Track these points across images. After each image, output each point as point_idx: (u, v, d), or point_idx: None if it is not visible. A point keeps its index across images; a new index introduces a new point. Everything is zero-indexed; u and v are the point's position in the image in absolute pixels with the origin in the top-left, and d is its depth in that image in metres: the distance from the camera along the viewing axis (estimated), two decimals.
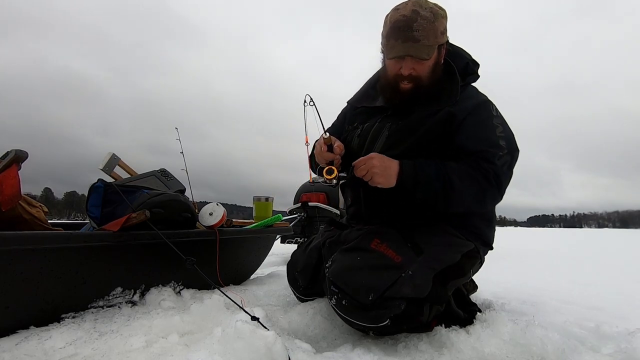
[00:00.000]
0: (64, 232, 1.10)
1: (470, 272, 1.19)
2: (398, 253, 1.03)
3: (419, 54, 1.05)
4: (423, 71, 1.10)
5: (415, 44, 1.03)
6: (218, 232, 1.51)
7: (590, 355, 0.97)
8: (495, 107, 1.17)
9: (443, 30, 1.08)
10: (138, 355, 0.93)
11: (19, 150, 1.15)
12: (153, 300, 1.27)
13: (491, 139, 1.07)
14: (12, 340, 0.94)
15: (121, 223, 1.16)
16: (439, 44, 1.08)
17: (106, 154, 1.67)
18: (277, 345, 0.81)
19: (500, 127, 1.11)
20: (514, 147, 1.12)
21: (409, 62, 1.08)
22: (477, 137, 1.08)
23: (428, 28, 1.03)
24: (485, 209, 1.09)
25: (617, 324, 1.20)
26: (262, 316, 0.94)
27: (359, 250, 1.07)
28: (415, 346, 1.02)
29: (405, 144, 1.12)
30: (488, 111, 1.13)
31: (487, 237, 1.22)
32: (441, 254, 1.07)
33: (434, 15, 1.04)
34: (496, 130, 1.09)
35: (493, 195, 1.05)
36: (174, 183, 1.70)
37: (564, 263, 3.73)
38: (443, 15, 1.07)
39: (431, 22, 1.03)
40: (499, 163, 1.04)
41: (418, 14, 1.03)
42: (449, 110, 1.10)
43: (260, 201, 2.00)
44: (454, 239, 1.13)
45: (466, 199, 1.03)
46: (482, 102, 1.15)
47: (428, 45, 1.04)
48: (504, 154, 1.06)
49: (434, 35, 1.04)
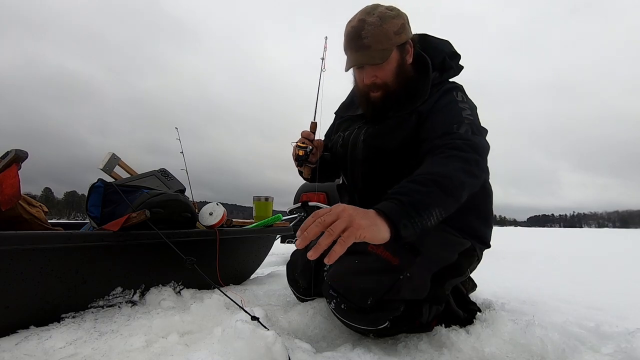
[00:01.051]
0: (64, 232, 1.10)
1: (468, 271, 1.19)
2: (395, 255, 1.02)
3: (372, 60, 1.05)
4: (386, 76, 1.09)
5: (367, 51, 1.04)
6: (218, 231, 1.51)
7: (590, 355, 0.97)
8: (460, 93, 1.11)
9: (398, 30, 1.05)
10: (138, 355, 0.93)
11: (19, 150, 1.15)
12: (153, 300, 1.27)
13: (454, 120, 1.01)
14: (12, 340, 0.94)
15: (121, 223, 1.16)
16: (398, 44, 1.06)
17: (106, 154, 1.67)
18: (277, 345, 0.81)
19: (468, 110, 1.05)
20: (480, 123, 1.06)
21: (368, 71, 1.09)
22: (440, 123, 1.02)
23: (377, 32, 1.03)
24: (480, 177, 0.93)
25: (617, 324, 1.20)
26: (262, 316, 0.94)
27: (356, 253, 1.06)
28: (415, 346, 1.02)
29: (382, 150, 1.13)
30: (451, 97, 1.09)
31: (484, 235, 1.21)
32: (438, 254, 1.07)
33: (381, 19, 1.03)
34: (462, 112, 1.03)
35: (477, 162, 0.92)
36: (174, 183, 1.70)
37: (564, 263, 3.73)
38: (394, 15, 1.05)
39: (379, 27, 1.03)
40: (461, 130, 0.97)
41: (365, 21, 1.03)
42: (417, 111, 1.08)
43: (260, 201, 2.00)
44: (450, 238, 1.13)
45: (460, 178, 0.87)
46: (445, 92, 1.10)
47: (381, 49, 1.04)
48: (462, 124, 0.99)
49: (385, 38, 1.04)
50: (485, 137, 1.04)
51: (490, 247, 1.26)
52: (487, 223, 1.23)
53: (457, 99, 1.08)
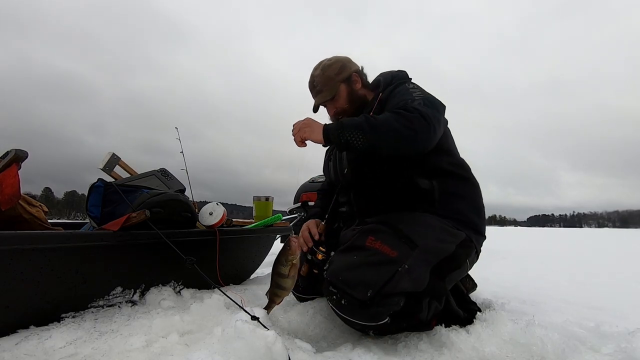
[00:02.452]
0: (64, 232, 1.10)
1: (467, 263, 1.19)
2: (393, 248, 1.04)
3: (325, 99, 1.36)
4: (341, 104, 1.36)
5: (321, 94, 1.37)
6: (218, 231, 1.51)
7: (590, 355, 0.97)
8: (412, 83, 1.32)
9: (338, 71, 1.36)
10: (138, 355, 0.93)
11: (19, 149, 1.15)
12: (153, 299, 1.28)
13: (405, 98, 1.17)
14: (13, 339, 0.94)
15: (121, 223, 1.16)
16: (342, 80, 1.36)
17: (106, 154, 1.67)
18: (277, 344, 0.81)
19: (417, 91, 1.21)
20: (433, 98, 1.21)
21: (328, 107, 1.39)
22: (394, 103, 1.18)
23: (322, 79, 1.36)
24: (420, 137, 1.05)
25: (617, 324, 1.20)
26: (262, 316, 0.94)
27: (355, 249, 1.08)
28: (415, 346, 1.02)
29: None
30: (403, 86, 1.28)
31: (478, 224, 1.24)
32: (435, 245, 1.08)
33: (323, 69, 1.37)
34: (413, 94, 1.19)
35: (418, 120, 1.04)
36: (174, 183, 1.70)
37: (564, 263, 3.73)
38: (332, 62, 1.37)
39: (322, 75, 1.36)
40: (413, 103, 1.11)
41: (313, 75, 1.39)
42: (379, 99, 1.29)
43: (260, 201, 2.00)
44: (445, 229, 1.14)
45: (393, 124, 1.03)
46: (398, 84, 1.31)
47: (330, 88, 1.35)
48: (415, 99, 1.14)
49: (330, 80, 1.35)
50: (441, 111, 1.18)
51: (485, 237, 1.28)
52: (479, 214, 1.27)
53: (408, 87, 1.26)
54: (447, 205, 1.19)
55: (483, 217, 1.28)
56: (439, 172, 1.20)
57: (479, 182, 1.32)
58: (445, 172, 1.21)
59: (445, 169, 1.21)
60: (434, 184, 1.19)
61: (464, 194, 1.24)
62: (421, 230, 1.10)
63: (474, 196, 1.28)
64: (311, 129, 1.12)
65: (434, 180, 1.19)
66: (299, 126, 1.15)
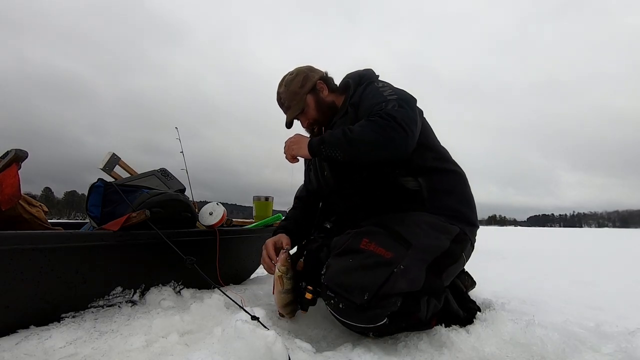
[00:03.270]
0: (64, 232, 1.10)
1: (463, 257, 1.19)
2: (388, 249, 1.04)
3: (294, 114, 1.38)
4: (312, 115, 1.38)
5: (290, 110, 1.39)
6: (218, 231, 1.51)
7: (590, 355, 0.97)
8: (380, 81, 1.33)
9: (302, 83, 1.37)
10: (138, 355, 0.93)
11: (19, 149, 1.15)
12: (153, 299, 1.27)
13: (378, 100, 1.18)
14: (12, 339, 0.94)
15: (121, 223, 1.16)
16: (307, 91, 1.37)
17: (106, 154, 1.67)
18: (277, 344, 0.81)
19: (389, 89, 1.22)
20: (406, 94, 1.22)
21: (301, 120, 1.41)
22: (368, 107, 1.19)
23: (287, 95, 1.38)
24: (397, 144, 1.07)
25: (618, 324, 1.20)
26: (262, 316, 0.94)
27: (350, 252, 1.08)
28: (415, 345, 1.02)
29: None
30: (372, 86, 1.28)
31: (469, 216, 1.24)
32: (429, 243, 1.08)
33: (286, 85, 1.38)
34: (384, 92, 1.20)
35: (393, 128, 1.06)
36: (174, 182, 1.70)
37: (564, 263, 3.73)
38: (293, 77, 1.39)
39: (287, 91, 1.38)
40: (388, 107, 1.12)
41: (279, 92, 1.41)
42: (351, 103, 1.29)
43: (260, 201, 2.00)
44: (438, 225, 1.14)
45: (369, 137, 1.06)
46: (366, 84, 1.31)
47: (297, 102, 1.37)
48: (389, 102, 1.15)
49: (295, 95, 1.37)
50: (414, 105, 1.20)
51: (478, 227, 1.29)
52: (469, 205, 1.28)
53: (377, 86, 1.26)
54: (437, 202, 1.20)
55: (473, 207, 1.29)
56: (424, 170, 1.21)
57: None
58: (430, 169, 1.22)
59: (429, 166, 1.22)
60: (421, 182, 1.20)
61: (451, 188, 1.25)
62: (415, 229, 1.10)
63: (461, 187, 1.29)
64: (298, 146, 1.20)
65: (420, 178, 1.20)
66: (288, 144, 1.22)
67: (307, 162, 1.52)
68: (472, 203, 1.29)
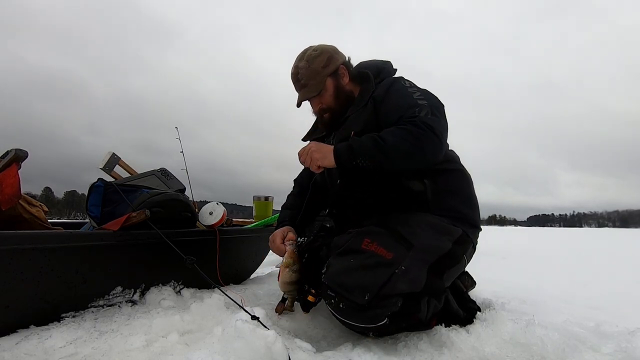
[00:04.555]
0: (64, 232, 1.10)
1: (465, 258, 1.19)
2: (389, 250, 1.04)
3: (310, 94, 1.28)
4: (328, 101, 1.30)
5: (305, 88, 1.29)
6: (218, 231, 1.51)
7: (590, 355, 0.97)
8: (406, 80, 1.27)
9: (324, 64, 1.28)
10: (138, 355, 0.93)
11: (19, 149, 1.15)
12: (153, 299, 1.27)
13: (409, 103, 1.13)
14: (13, 339, 0.94)
15: (121, 222, 1.16)
16: (329, 74, 1.28)
17: (106, 153, 1.67)
18: (277, 344, 0.81)
19: (418, 92, 1.18)
20: (436, 100, 1.18)
21: (313, 101, 1.32)
22: (396, 109, 1.15)
23: (307, 72, 1.27)
24: (430, 154, 1.06)
25: (617, 324, 1.20)
26: (262, 315, 0.94)
27: (351, 252, 1.08)
28: (415, 345, 1.02)
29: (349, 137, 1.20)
30: (400, 85, 1.23)
31: (472, 218, 1.23)
32: (431, 244, 1.08)
33: (308, 61, 1.28)
34: (413, 95, 1.16)
35: (427, 136, 1.04)
36: (174, 182, 1.70)
37: (564, 263, 3.73)
38: (318, 54, 1.29)
39: (308, 67, 1.27)
40: (422, 114, 1.09)
41: (298, 67, 1.29)
42: (372, 98, 1.23)
43: (260, 200, 2.00)
44: (440, 227, 1.14)
45: (403, 146, 1.03)
46: (393, 81, 1.26)
47: (315, 84, 1.27)
48: (422, 108, 1.11)
49: (316, 74, 1.27)
50: (444, 112, 1.17)
51: (481, 229, 1.28)
52: (473, 206, 1.27)
53: (405, 85, 1.22)
54: (441, 204, 1.19)
55: (477, 209, 1.28)
56: (431, 171, 1.19)
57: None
58: (436, 170, 1.20)
59: (436, 167, 1.20)
60: (426, 184, 1.18)
61: (456, 189, 1.23)
62: (416, 230, 1.10)
63: (466, 188, 1.27)
64: (322, 155, 1.12)
65: (426, 180, 1.18)
66: (309, 153, 1.13)
67: None
68: (475, 205, 1.28)
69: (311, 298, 1.16)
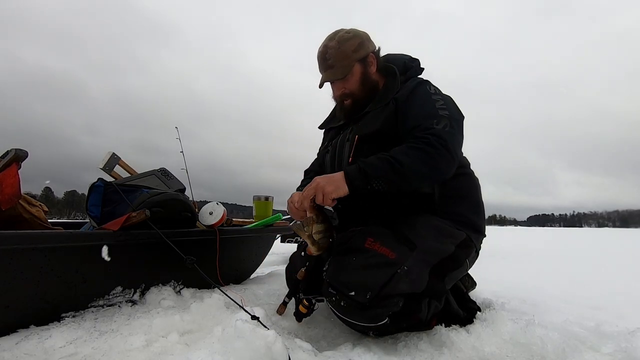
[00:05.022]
0: (64, 232, 1.10)
1: (467, 263, 1.19)
2: (392, 250, 1.04)
3: (336, 76, 1.24)
4: (352, 86, 1.26)
5: (331, 70, 1.24)
6: (218, 231, 1.51)
7: (590, 355, 0.97)
8: (433, 85, 1.24)
9: (355, 48, 1.23)
10: (138, 354, 0.93)
11: (19, 149, 1.15)
12: (153, 299, 1.27)
13: (429, 112, 1.12)
14: (13, 339, 0.94)
15: (121, 222, 1.16)
16: (358, 59, 1.24)
17: (106, 153, 1.67)
18: (277, 344, 0.81)
19: (441, 101, 1.16)
20: (457, 112, 1.16)
21: (337, 84, 1.28)
22: (416, 114, 1.13)
23: (337, 54, 1.22)
24: (444, 173, 1.06)
25: (617, 323, 1.20)
26: (262, 315, 0.95)
27: (353, 251, 1.08)
28: (415, 345, 1.02)
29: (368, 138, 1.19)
30: (424, 89, 1.21)
31: (477, 224, 1.23)
32: (434, 246, 1.08)
33: (340, 42, 1.23)
34: (436, 103, 1.14)
35: (442, 155, 1.03)
36: (174, 182, 1.70)
37: (564, 263, 3.73)
38: (351, 37, 1.24)
39: (338, 48, 1.23)
40: (439, 127, 1.07)
41: (327, 46, 1.24)
42: (394, 98, 1.21)
43: (260, 200, 2.00)
44: (445, 230, 1.14)
45: (419, 169, 1.02)
46: (418, 83, 1.24)
47: (343, 66, 1.23)
48: (441, 119, 1.09)
49: (345, 57, 1.23)
50: (462, 125, 1.15)
51: (485, 235, 1.27)
52: (479, 212, 1.26)
53: (429, 91, 1.20)
54: (447, 208, 1.18)
55: (483, 215, 1.28)
56: None
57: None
58: None
59: None
60: (435, 188, 1.17)
61: (464, 194, 1.23)
62: (420, 231, 1.10)
63: (473, 193, 1.27)
64: (335, 186, 1.03)
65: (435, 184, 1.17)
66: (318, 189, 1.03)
67: (325, 142, 1.45)
68: (481, 210, 1.27)
69: (303, 309, 1.11)
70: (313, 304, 1.12)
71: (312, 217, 1.06)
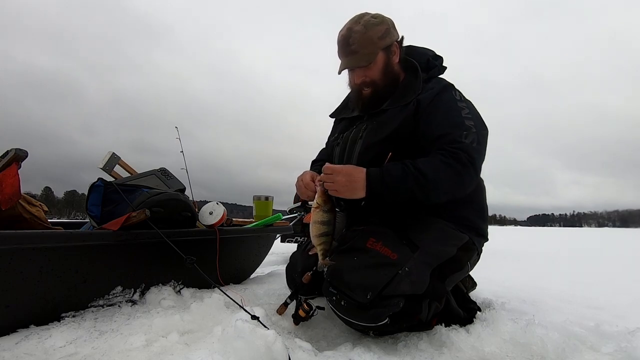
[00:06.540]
0: (64, 231, 1.09)
1: (468, 265, 1.19)
2: (393, 250, 1.04)
3: (359, 63, 1.18)
4: (374, 75, 1.20)
5: (355, 56, 1.17)
6: (218, 231, 1.51)
7: (590, 354, 0.97)
8: (458, 91, 1.21)
9: (382, 35, 1.17)
10: (138, 354, 0.93)
11: (19, 149, 1.15)
12: (153, 299, 1.27)
13: (456, 121, 1.09)
14: (13, 339, 0.94)
15: (121, 222, 1.16)
16: (383, 47, 1.18)
17: (106, 153, 1.67)
18: (277, 344, 0.81)
19: (466, 109, 1.13)
20: (482, 125, 1.14)
21: (358, 72, 1.21)
22: (442, 122, 1.10)
23: (362, 39, 1.15)
24: (466, 190, 1.06)
25: (617, 323, 1.20)
26: (262, 315, 0.95)
27: (355, 250, 1.08)
28: (415, 345, 1.02)
29: (382, 138, 1.16)
30: (450, 95, 1.17)
31: (480, 228, 1.23)
32: (436, 248, 1.08)
33: (366, 27, 1.15)
34: (462, 112, 1.12)
35: (469, 174, 1.03)
36: (174, 182, 1.70)
37: (564, 262, 3.73)
38: (378, 22, 1.17)
39: (364, 34, 1.15)
40: (467, 141, 1.05)
41: (352, 30, 1.16)
42: (416, 99, 1.16)
43: (260, 200, 2.00)
44: (448, 232, 1.14)
45: (444, 185, 1.01)
46: (443, 88, 1.19)
47: (367, 53, 1.16)
48: (469, 132, 1.07)
49: (370, 43, 1.16)
50: (486, 139, 1.13)
51: (487, 239, 1.27)
52: (483, 216, 1.26)
53: (455, 98, 1.16)
54: (453, 211, 1.17)
55: (486, 219, 1.27)
56: None
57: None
58: None
59: None
60: None
61: (470, 199, 1.20)
62: (423, 233, 1.10)
63: (480, 198, 1.26)
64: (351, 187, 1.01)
65: None
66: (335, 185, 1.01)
67: (335, 133, 1.40)
68: (485, 214, 1.27)
69: (302, 313, 1.11)
70: (313, 309, 1.12)
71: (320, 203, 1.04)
